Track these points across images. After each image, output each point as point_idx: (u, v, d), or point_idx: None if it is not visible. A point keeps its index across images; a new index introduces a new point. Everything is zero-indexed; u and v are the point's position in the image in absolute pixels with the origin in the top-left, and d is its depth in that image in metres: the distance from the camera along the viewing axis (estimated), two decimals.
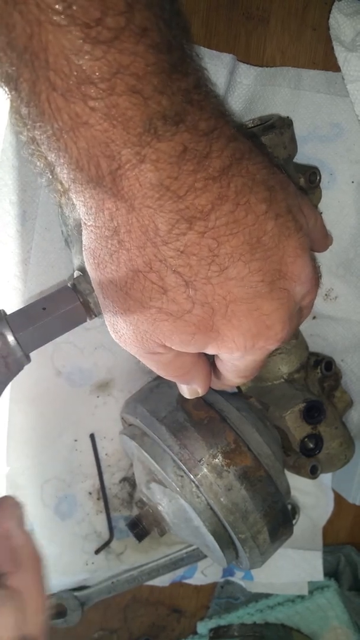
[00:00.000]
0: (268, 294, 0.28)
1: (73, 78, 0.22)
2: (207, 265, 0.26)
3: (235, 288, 0.27)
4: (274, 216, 0.27)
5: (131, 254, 0.26)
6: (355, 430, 0.52)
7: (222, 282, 0.27)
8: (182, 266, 0.26)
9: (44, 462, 0.50)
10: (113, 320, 0.30)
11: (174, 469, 0.40)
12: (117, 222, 0.25)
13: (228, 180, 0.26)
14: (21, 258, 0.45)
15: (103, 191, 0.24)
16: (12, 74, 0.22)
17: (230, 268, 0.27)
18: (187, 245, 0.26)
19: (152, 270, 0.26)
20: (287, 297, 0.29)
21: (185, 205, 0.25)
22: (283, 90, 0.44)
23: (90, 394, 0.50)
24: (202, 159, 0.25)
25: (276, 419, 0.44)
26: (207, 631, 0.60)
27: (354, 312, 0.51)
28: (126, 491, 0.54)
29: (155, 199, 0.24)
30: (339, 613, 0.59)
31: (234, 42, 0.44)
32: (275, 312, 0.29)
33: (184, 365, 0.33)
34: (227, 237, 0.26)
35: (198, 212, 0.25)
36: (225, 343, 0.29)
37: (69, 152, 0.24)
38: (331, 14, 0.43)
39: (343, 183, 0.47)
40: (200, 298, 0.27)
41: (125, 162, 0.23)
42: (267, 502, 0.40)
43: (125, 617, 0.60)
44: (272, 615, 0.59)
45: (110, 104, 0.22)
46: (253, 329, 0.29)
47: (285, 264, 0.29)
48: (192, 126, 0.24)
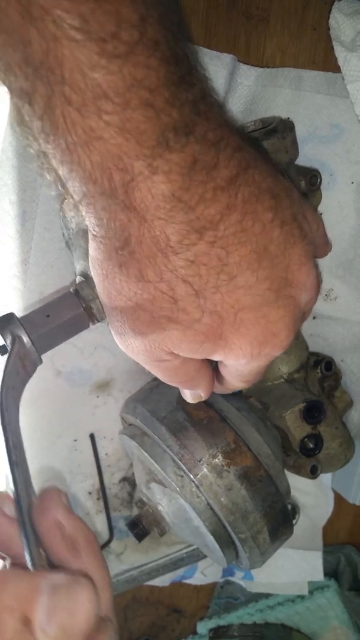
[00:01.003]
0: (275, 302, 0.29)
1: (89, 93, 0.22)
2: (216, 274, 0.27)
3: (244, 296, 0.28)
4: (280, 224, 0.28)
5: (141, 265, 0.26)
6: (355, 430, 0.52)
7: (231, 291, 0.27)
8: (192, 276, 0.27)
9: (44, 462, 0.50)
10: (121, 331, 0.31)
11: (174, 468, 0.40)
12: (128, 233, 0.26)
13: (236, 190, 0.26)
14: (21, 258, 0.45)
15: (115, 203, 0.25)
16: (27, 89, 0.22)
17: (239, 277, 0.27)
18: (197, 255, 0.26)
19: (162, 281, 0.27)
20: (292, 305, 0.30)
21: (196, 216, 0.25)
22: (284, 91, 0.44)
23: (90, 394, 0.50)
24: (210, 170, 0.25)
25: (276, 418, 0.44)
26: (206, 631, 0.60)
27: (354, 312, 0.51)
28: (126, 491, 0.54)
29: (167, 210, 0.25)
30: (339, 613, 0.59)
31: (233, 42, 0.44)
32: (281, 320, 0.29)
33: (188, 372, 0.33)
34: (235, 246, 0.26)
35: (208, 222, 0.25)
36: (233, 350, 0.30)
37: (82, 165, 0.24)
38: (331, 14, 0.43)
39: (343, 184, 0.47)
40: (210, 307, 0.28)
41: (137, 174, 0.24)
42: (267, 502, 0.40)
43: (125, 617, 0.60)
44: (272, 615, 0.59)
45: (124, 118, 0.22)
46: (260, 337, 0.29)
47: (292, 271, 0.29)
48: (201, 137, 0.24)
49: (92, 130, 0.23)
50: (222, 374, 0.35)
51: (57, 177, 0.27)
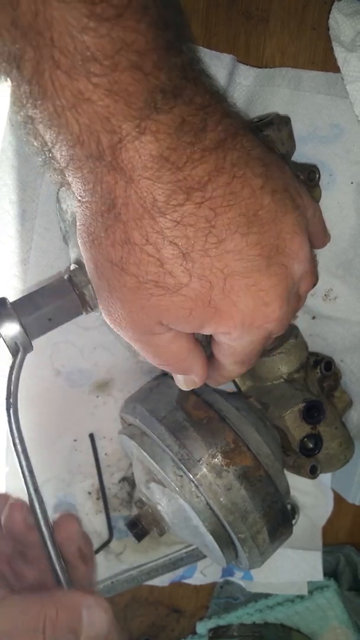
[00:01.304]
0: (266, 269, 0.28)
1: (78, 55, 0.22)
2: (204, 236, 0.26)
3: (233, 261, 0.27)
4: (271, 191, 0.28)
5: (127, 227, 0.26)
6: (355, 430, 0.52)
7: (220, 255, 0.27)
8: (179, 237, 0.26)
9: (43, 462, 0.50)
10: (108, 302, 0.30)
11: (173, 468, 0.40)
12: (114, 195, 0.25)
13: (224, 153, 0.26)
14: (20, 258, 0.45)
15: (102, 165, 0.25)
16: (16, 53, 0.22)
17: (228, 240, 0.27)
18: (184, 216, 0.26)
19: (148, 243, 0.26)
20: (284, 274, 0.29)
21: (183, 176, 0.25)
22: (283, 91, 0.44)
23: (89, 394, 0.50)
24: (198, 132, 0.25)
25: (276, 418, 0.44)
26: (206, 631, 0.60)
27: (354, 312, 0.51)
28: (125, 491, 0.54)
29: (154, 170, 0.25)
30: (338, 613, 0.59)
31: (233, 42, 0.44)
32: (273, 289, 0.29)
33: (180, 351, 0.32)
34: (223, 208, 0.26)
35: (195, 183, 0.25)
36: (224, 320, 0.29)
37: (69, 128, 0.24)
38: (331, 14, 0.43)
39: (343, 184, 0.47)
40: (198, 271, 0.27)
41: (125, 135, 0.24)
42: (267, 502, 0.40)
43: (124, 617, 0.60)
44: (271, 615, 0.59)
45: (113, 81, 0.22)
46: (251, 305, 0.28)
47: (283, 239, 0.28)
48: (189, 100, 0.24)
49: (80, 92, 0.23)
50: (216, 357, 0.34)
51: (44, 142, 0.26)
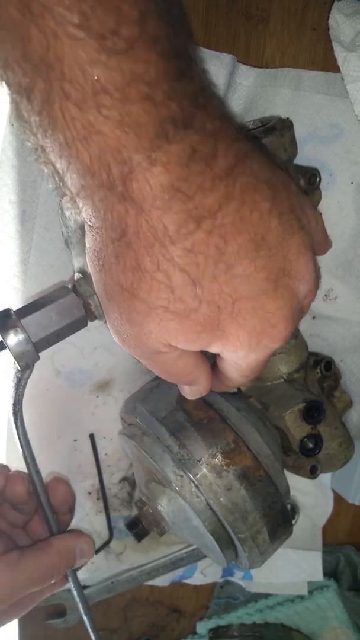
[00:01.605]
0: (272, 292, 0.29)
1: (88, 88, 0.22)
2: (214, 263, 0.27)
3: (242, 286, 0.28)
4: (278, 214, 0.28)
5: (138, 255, 0.26)
6: (355, 430, 0.52)
7: (229, 280, 0.27)
8: (190, 265, 0.26)
9: (43, 462, 0.50)
10: (118, 323, 0.30)
11: (174, 468, 0.40)
12: (125, 224, 0.26)
13: (234, 179, 0.26)
14: (20, 258, 0.45)
15: (113, 195, 0.25)
16: (26, 85, 0.23)
17: (237, 266, 0.27)
18: (194, 244, 0.26)
19: (159, 270, 0.26)
20: (290, 296, 0.29)
21: (194, 205, 0.25)
22: (283, 91, 0.44)
23: (90, 394, 0.50)
24: (209, 160, 0.25)
25: (276, 418, 0.44)
26: (206, 631, 0.60)
27: (354, 312, 0.51)
28: (126, 491, 0.54)
29: (165, 200, 0.25)
30: (338, 613, 0.59)
31: (233, 42, 0.44)
32: (280, 311, 0.29)
33: (186, 366, 0.33)
34: (233, 235, 0.26)
35: (206, 212, 0.26)
36: (231, 341, 0.29)
37: (80, 159, 0.24)
38: (331, 14, 0.43)
39: (343, 184, 0.47)
40: (207, 296, 0.27)
41: (136, 166, 0.24)
42: (267, 502, 0.40)
43: (125, 617, 0.60)
44: (271, 615, 0.59)
45: (123, 112, 0.23)
46: (258, 327, 0.29)
47: (289, 262, 0.29)
48: (200, 128, 0.24)
49: (91, 124, 0.23)
50: (220, 369, 0.34)
51: (55, 170, 0.27)
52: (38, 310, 0.34)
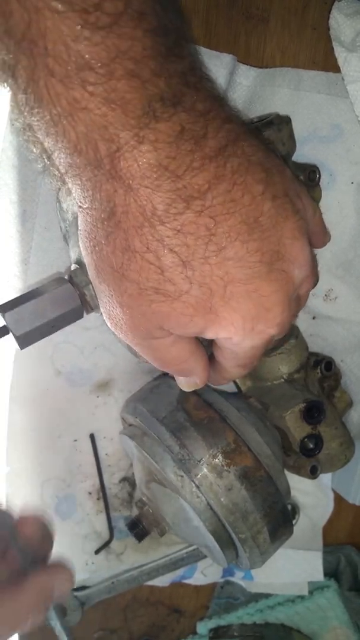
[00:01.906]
0: (266, 275, 0.28)
1: (72, 64, 0.22)
2: (204, 244, 0.26)
3: (234, 268, 0.27)
4: (271, 197, 0.27)
5: (128, 235, 0.26)
6: (355, 430, 0.52)
7: (220, 262, 0.27)
8: (179, 245, 0.26)
9: (43, 462, 0.50)
10: (109, 306, 0.30)
11: (174, 469, 0.40)
12: (114, 204, 0.25)
13: (224, 160, 0.26)
14: (21, 258, 0.45)
15: (101, 173, 0.25)
16: (9, 62, 0.22)
17: (228, 248, 0.27)
18: (184, 225, 0.26)
19: (148, 250, 0.26)
20: (285, 280, 0.29)
21: (183, 185, 0.25)
22: (283, 91, 0.44)
23: (90, 394, 0.50)
24: (199, 139, 0.25)
25: (276, 419, 0.44)
26: (207, 631, 0.60)
27: (354, 312, 0.51)
28: (126, 491, 0.54)
29: (153, 179, 0.25)
30: (338, 613, 0.59)
31: (233, 42, 0.44)
32: (274, 294, 0.29)
33: (180, 353, 0.32)
34: (224, 216, 0.26)
35: (195, 191, 0.25)
36: (224, 326, 0.29)
37: (67, 136, 0.24)
38: (331, 14, 0.43)
39: (343, 184, 0.47)
40: (198, 278, 0.27)
41: (124, 144, 0.24)
42: (267, 502, 0.40)
43: (125, 617, 0.60)
44: (272, 615, 0.59)
45: (109, 89, 0.22)
46: (252, 311, 0.29)
47: (284, 245, 0.28)
48: (189, 107, 0.24)
49: (76, 101, 0.23)
50: (217, 360, 0.34)
51: (43, 149, 0.26)
52: (33, 299, 0.34)
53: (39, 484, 0.50)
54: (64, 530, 0.51)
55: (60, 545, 0.51)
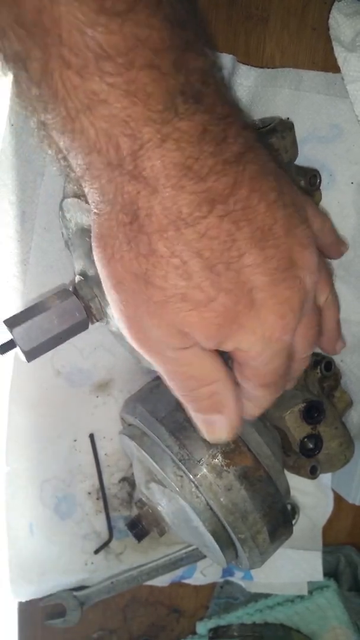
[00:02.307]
0: (282, 282, 0.28)
1: (89, 53, 0.21)
2: (227, 250, 0.26)
3: (253, 275, 0.27)
4: (283, 205, 0.27)
5: (152, 239, 0.25)
6: (355, 430, 0.52)
7: (241, 269, 0.27)
8: (205, 250, 0.26)
9: (43, 462, 0.50)
10: (132, 318, 0.28)
11: (174, 469, 0.40)
12: (137, 207, 0.25)
13: (243, 166, 0.25)
14: (20, 258, 0.45)
15: (122, 174, 0.24)
16: (21, 53, 0.21)
17: (247, 254, 0.26)
18: (208, 228, 0.25)
19: (174, 255, 0.25)
20: (298, 286, 0.29)
21: (207, 187, 0.24)
22: (283, 91, 0.44)
23: (89, 394, 0.50)
24: (220, 142, 0.24)
25: (276, 419, 0.44)
26: (206, 631, 0.60)
27: (354, 312, 0.51)
28: (125, 491, 0.54)
29: (177, 179, 0.24)
30: (338, 613, 0.59)
31: (233, 42, 0.44)
32: (289, 301, 0.28)
33: (208, 370, 0.30)
34: (244, 222, 0.26)
35: (218, 195, 0.25)
36: (247, 335, 0.28)
37: (85, 133, 0.23)
38: (331, 14, 0.43)
39: (343, 184, 0.47)
40: (224, 285, 0.26)
41: (147, 141, 0.23)
42: (267, 502, 0.40)
43: (124, 617, 0.60)
44: (271, 615, 0.59)
45: (129, 80, 0.21)
46: (270, 319, 0.28)
47: (295, 252, 0.28)
48: (210, 108, 0.24)
49: (94, 93, 0.21)
50: (238, 382, 0.32)
51: (59, 150, 0.25)
52: (40, 313, 0.34)
53: (39, 484, 0.50)
54: (64, 530, 0.51)
55: (59, 545, 0.51)
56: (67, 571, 0.52)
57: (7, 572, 0.50)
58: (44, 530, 0.51)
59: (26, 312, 0.34)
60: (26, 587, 0.51)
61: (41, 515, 0.50)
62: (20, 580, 0.50)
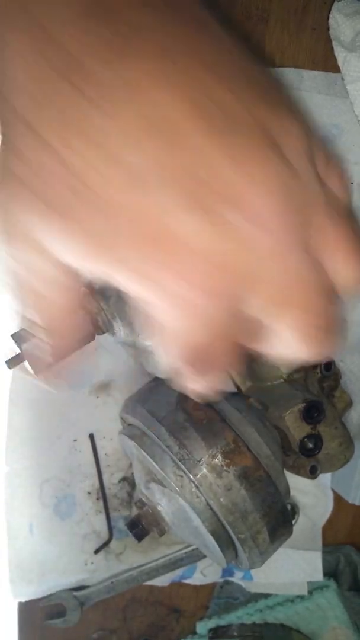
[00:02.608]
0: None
1: None
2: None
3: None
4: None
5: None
6: (355, 430, 0.52)
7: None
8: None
9: (43, 462, 0.50)
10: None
11: (174, 469, 0.40)
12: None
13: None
14: None
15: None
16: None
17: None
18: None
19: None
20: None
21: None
22: None
23: (89, 394, 0.50)
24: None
25: (276, 419, 0.44)
26: (206, 631, 0.60)
27: (353, 312, 0.51)
28: (125, 491, 0.54)
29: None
30: (338, 613, 0.59)
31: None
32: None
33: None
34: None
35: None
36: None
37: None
38: (331, 14, 0.43)
39: None
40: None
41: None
42: (267, 502, 0.40)
43: (124, 617, 0.60)
44: (271, 615, 0.59)
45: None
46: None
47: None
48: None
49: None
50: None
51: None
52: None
53: (39, 483, 0.50)
54: (63, 530, 0.51)
55: (59, 545, 0.51)
56: (67, 571, 0.52)
57: (7, 572, 0.50)
58: (44, 530, 0.51)
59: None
60: (26, 587, 0.51)
61: (41, 515, 0.50)
62: (20, 581, 0.50)
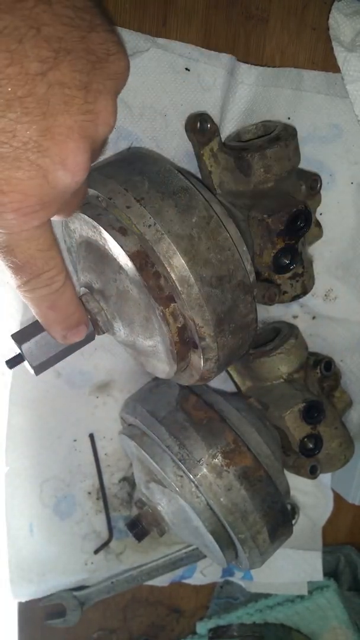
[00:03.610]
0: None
1: None
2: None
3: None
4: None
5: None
6: (355, 430, 0.53)
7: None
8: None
9: (43, 462, 0.50)
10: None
11: (174, 469, 0.40)
12: None
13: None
14: None
15: None
16: None
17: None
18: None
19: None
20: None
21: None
22: (284, 91, 0.44)
23: (89, 394, 0.50)
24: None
25: (276, 419, 0.44)
26: (206, 631, 0.60)
27: (353, 312, 0.51)
28: (125, 491, 0.54)
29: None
30: (338, 613, 0.59)
31: (233, 42, 0.44)
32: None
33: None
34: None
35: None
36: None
37: None
38: (331, 14, 0.43)
39: (342, 184, 0.47)
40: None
41: None
42: (267, 502, 0.40)
43: (124, 617, 0.60)
44: (271, 615, 0.59)
45: None
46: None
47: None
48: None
49: None
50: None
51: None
52: (44, 335, 0.34)
53: (39, 483, 0.50)
54: (63, 530, 0.51)
55: (59, 545, 0.51)
56: (67, 571, 0.52)
57: (7, 572, 0.50)
58: (44, 530, 0.51)
59: (33, 327, 0.34)
60: (26, 587, 0.51)
61: (41, 515, 0.50)
62: (20, 581, 0.50)
